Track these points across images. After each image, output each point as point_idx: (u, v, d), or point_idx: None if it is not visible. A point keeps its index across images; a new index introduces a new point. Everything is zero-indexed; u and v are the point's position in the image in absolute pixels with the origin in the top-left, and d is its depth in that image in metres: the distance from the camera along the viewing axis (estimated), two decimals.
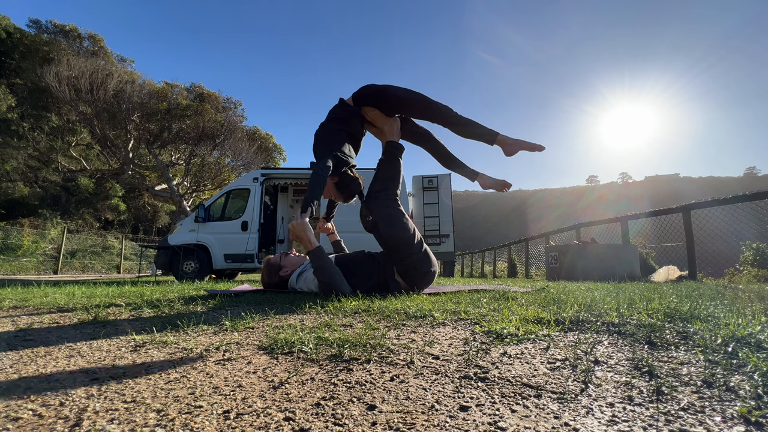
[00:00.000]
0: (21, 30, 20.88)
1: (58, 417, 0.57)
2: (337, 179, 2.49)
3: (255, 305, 1.80)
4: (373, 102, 2.47)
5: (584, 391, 0.65)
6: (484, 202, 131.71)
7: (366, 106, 2.49)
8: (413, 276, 2.32)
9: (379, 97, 2.44)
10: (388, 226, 2.31)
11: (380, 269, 2.30)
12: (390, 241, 2.31)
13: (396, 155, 2.49)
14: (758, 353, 0.78)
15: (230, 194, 7.75)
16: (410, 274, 2.31)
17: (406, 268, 2.30)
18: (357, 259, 2.39)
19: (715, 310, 1.29)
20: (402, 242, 2.28)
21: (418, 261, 2.30)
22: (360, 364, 0.82)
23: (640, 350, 0.88)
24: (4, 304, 1.93)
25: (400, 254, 2.29)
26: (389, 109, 2.50)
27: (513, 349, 0.92)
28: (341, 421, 0.55)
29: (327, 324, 1.24)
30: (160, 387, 0.70)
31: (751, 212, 4.93)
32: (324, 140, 2.42)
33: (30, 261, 14.32)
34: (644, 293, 1.97)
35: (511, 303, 1.66)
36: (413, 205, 9.80)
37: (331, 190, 2.56)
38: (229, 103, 24.38)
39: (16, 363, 0.87)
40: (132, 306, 1.81)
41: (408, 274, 2.31)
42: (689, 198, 6.25)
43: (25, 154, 18.71)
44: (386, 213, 2.35)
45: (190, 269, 7.23)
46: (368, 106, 2.49)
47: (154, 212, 26.70)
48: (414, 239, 2.31)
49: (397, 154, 2.49)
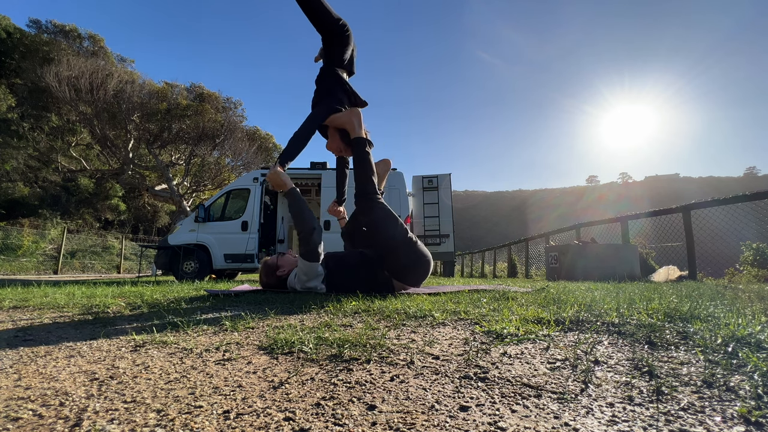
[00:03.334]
0: (21, 30, 20.87)
1: (58, 417, 0.57)
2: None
3: (255, 305, 1.80)
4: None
5: (584, 391, 0.65)
6: (484, 202, 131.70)
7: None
8: (408, 271, 2.36)
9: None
10: (384, 228, 2.34)
11: (371, 267, 2.34)
12: (390, 241, 2.32)
13: (362, 151, 2.45)
14: (758, 353, 0.78)
15: (230, 194, 7.75)
16: (405, 270, 2.35)
17: (401, 265, 2.34)
18: (349, 259, 2.43)
19: (715, 310, 1.29)
20: (399, 242, 2.32)
21: (413, 255, 2.34)
22: (360, 364, 0.82)
23: (640, 350, 0.88)
24: (4, 304, 1.93)
25: (397, 252, 2.32)
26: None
27: (513, 349, 0.92)
28: (341, 421, 0.55)
29: (327, 324, 1.24)
30: (160, 387, 0.70)
31: (751, 212, 4.93)
32: (327, 91, 2.48)
33: (30, 261, 14.32)
34: (644, 293, 1.97)
35: (511, 303, 1.66)
36: (413, 205, 9.79)
37: (336, 141, 2.55)
38: (229, 103, 24.37)
39: (16, 363, 0.86)
40: (132, 306, 1.81)
41: (403, 269, 2.34)
42: (689, 198, 6.24)
43: (25, 154, 18.70)
44: (380, 216, 2.38)
45: (190, 269, 7.23)
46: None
47: (154, 212, 26.69)
48: (407, 234, 2.36)
49: (362, 149, 2.45)
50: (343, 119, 2.46)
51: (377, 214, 2.37)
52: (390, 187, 7.55)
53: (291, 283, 2.49)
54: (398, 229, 2.35)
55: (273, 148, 26.74)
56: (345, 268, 2.37)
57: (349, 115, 2.46)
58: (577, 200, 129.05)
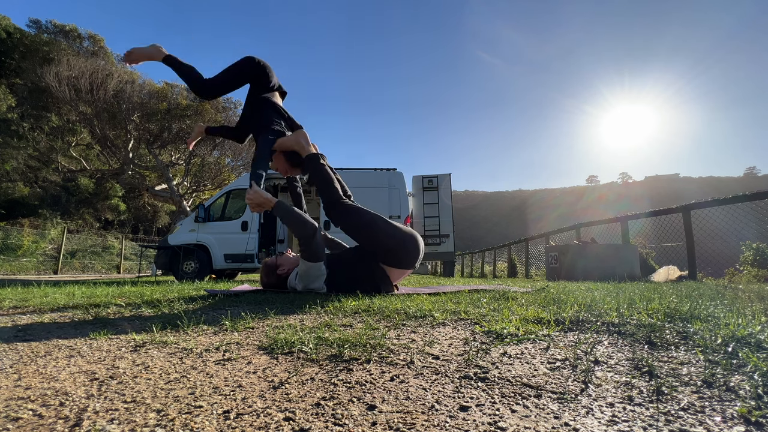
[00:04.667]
0: (21, 30, 20.88)
1: (58, 417, 0.57)
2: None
3: (255, 305, 1.80)
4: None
5: (584, 391, 0.65)
6: (484, 202, 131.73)
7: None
8: (398, 252, 2.38)
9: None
10: (361, 222, 2.40)
11: (367, 262, 2.37)
12: (370, 230, 2.39)
13: (317, 166, 2.52)
14: (758, 353, 0.78)
15: (230, 194, 7.75)
16: (394, 252, 2.38)
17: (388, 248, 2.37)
18: (345, 257, 2.48)
19: (715, 310, 1.29)
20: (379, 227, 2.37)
21: (396, 234, 2.38)
22: (360, 364, 0.82)
23: (640, 350, 0.88)
24: (4, 304, 1.93)
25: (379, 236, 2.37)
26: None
27: (513, 349, 0.92)
28: (341, 421, 0.55)
29: (327, 324, 1.24)
30: (160, 387, 0.70)
31: (751, 212, 4.93)
32: (267, 119, 2.61)
33: (30, 261, 14.32)
34: (644, 293, 1.97)
35: (511, 303, 1.66)
36: (413, 205, 9.79)
37: (281, 162, 2.64)
38: (229, 103, 24.37)
39: (16, 363, 0.86)
40: (132, 306, 1.81)
41: (392, 252, 2.38)
42: (689, 198, 6.24)
43: (25, 154, 18.71)
44: (351, 214, 2.43)
45: (190, 269, 7.23)
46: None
47: (154, 212, 26.70)
48: (383, 219, 2.41)
49: (317, 164, 2.52)
50: (291, 142, 2.55)
51: (351, 215, 2.43)
52: (390, 187, 7.54)
53: (291, 283, 2.49)
54: (372, 216, 2.41)
55: None
56: (342, 267, 2.40)
57: (296, 137, 2.56)
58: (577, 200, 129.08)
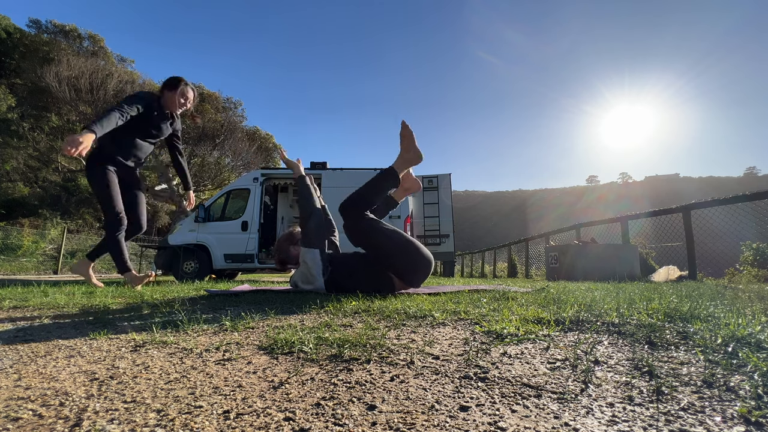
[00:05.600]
0: (21, 30, 20.89)
1: (58, 417, 0.57)
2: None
3: (255, 305, 1.80)
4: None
5: (584, 391, 0.65)
6: (484, 202, 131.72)
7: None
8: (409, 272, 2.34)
9: None
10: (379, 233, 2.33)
11: (374, 268, 2.33)
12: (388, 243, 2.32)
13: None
14: (758, 353, 0.78)
15: (230, 194, 7.75)
16: (407, 272, 2.33)
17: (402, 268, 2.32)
18: (351, 261, 2.44)
19: (715, 310, 1.29)
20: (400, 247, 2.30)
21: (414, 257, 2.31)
22: (360, 364, 0.82)
23: (640, 350, 0.88)
24: (4, 304, 1.93)
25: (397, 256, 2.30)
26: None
27: (513, 349, 0.92)
28: (341, 421, 0.55)
29: (327, 324, 1.24)
30: (160, 387, 0.70)
31: (751, 212, 4.93)
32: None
33: (30, 261, 14.32)
34: (644, 293, 1.97)
35: (511, 303, 1.66)
36: (413, 205, 9.78)
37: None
38: (229, 103, 24.38)
39: (16, 363, 0.86)
40: (132, 306, 1.81)
41: (404, 271, 2.33)
42: (689, 198, 6.24)
43: (25, 154, 18.71)
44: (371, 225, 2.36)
45: (190, 269, 7.23)
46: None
47: (154, 212, 26.68)
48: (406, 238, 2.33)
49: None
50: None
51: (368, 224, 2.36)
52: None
53: (293, 281, 2.50)
54: (395, 232, 2.35)
55: (273, 148, 26.73)
56: (348, 269, 2.36)
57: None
58: (577, 200, 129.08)
